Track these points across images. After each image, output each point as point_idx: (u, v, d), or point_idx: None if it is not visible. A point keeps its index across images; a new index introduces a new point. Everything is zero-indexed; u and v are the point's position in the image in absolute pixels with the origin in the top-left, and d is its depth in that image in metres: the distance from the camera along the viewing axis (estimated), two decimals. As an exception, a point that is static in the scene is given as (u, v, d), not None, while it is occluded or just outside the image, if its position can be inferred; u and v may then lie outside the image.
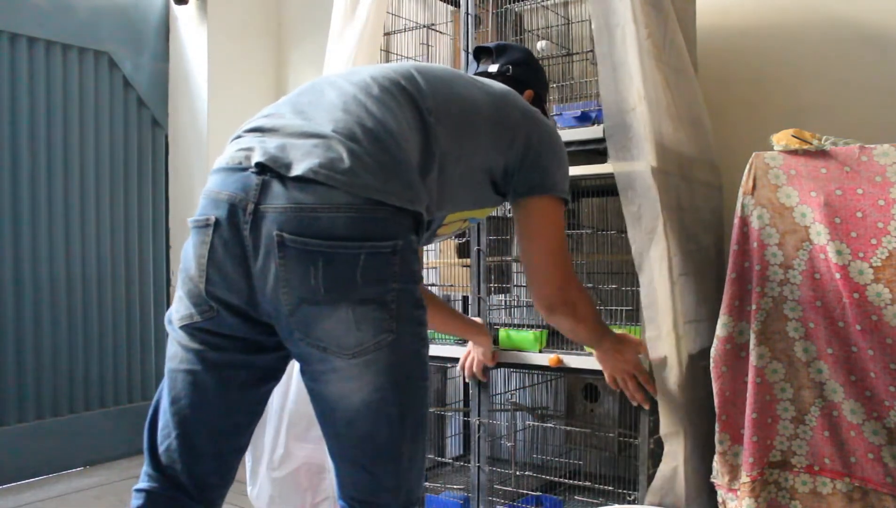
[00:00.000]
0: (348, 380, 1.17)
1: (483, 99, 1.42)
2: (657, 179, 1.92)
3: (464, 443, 2.92)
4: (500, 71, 1.69)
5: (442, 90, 1.35)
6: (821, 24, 2.44)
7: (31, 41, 3.21)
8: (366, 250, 1.12)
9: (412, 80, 1.33)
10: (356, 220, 1.12)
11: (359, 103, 1.23)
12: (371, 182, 1.14)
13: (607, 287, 2.21)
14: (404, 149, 1.21)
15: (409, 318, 1.19)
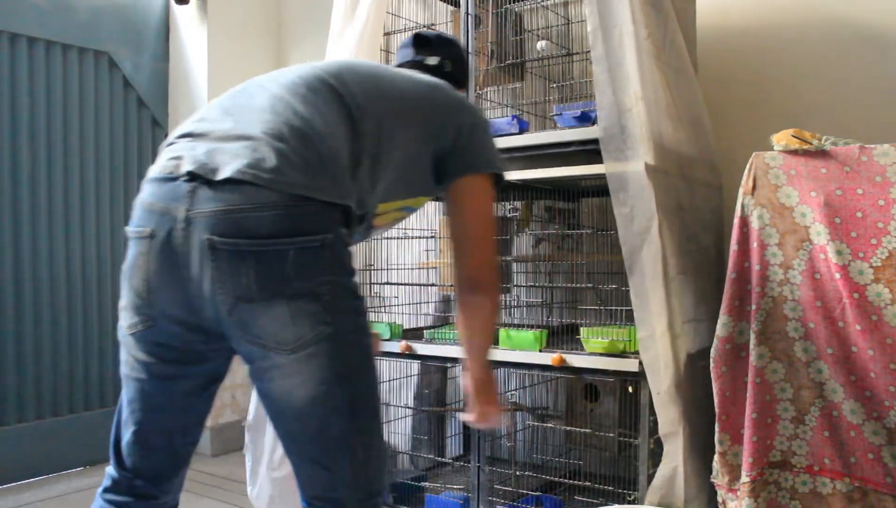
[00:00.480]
0: (291, 376, 1.19)
1: (412, 90, 1.44)
2: (653, 179, 1.92)
3: (464, 443, 2.92)
4: (437, 65, 1.70)
5: (370, 86, 1.38)
6: (821, 24, 2.44)
7: (31, 41, 3.21)
8: (295, 246, 1.14)
9: (339, 77, 1.35)
10: (283, 217, 1.14)
11: (286, 104, 1.25)
12: (297, 179, 1.16)
13: (607, 287, 2.21)
14: (331, 146, 1.23)
15: (345, 309, 1.21)
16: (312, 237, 1.16)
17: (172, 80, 3.74)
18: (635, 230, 1.93)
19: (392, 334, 2.51)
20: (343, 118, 1.29)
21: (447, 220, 1.56)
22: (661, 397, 1.91)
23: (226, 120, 1.26)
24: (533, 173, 2.19)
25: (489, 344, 1.67)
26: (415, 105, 1.43)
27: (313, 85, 1.31)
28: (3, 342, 3.10)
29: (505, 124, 2.22)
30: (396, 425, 2.78)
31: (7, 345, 3.11)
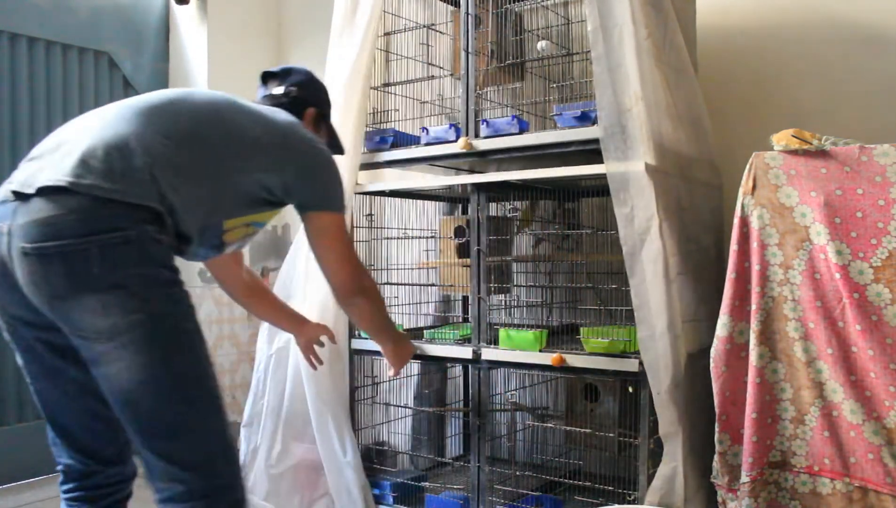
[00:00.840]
0: (114, 362, 1.30)
1: (254, 127, 1.58)
2: (654, 179, 1.92)
3: (464, 443, 2.92)
4: (284, 93, 1.86)
5: (204, 116, 1.53)
6: (821, 24, 2.44)
7: (31, 41, 3.21)
8: (96, 243, 1.27)
9: (173, 105, 1.50)
10: (84, 219, 1.27)
11: (110, 125, 1.40)
12: (98, 183, 1.29)
13: (607, 287, 2.21)
14: (143, 163, 1.36)
15: (157, 297, 1.33)
16: (113, 234, 1.28)
17: (172, 80, 3.74)
18: (635, 230, 1.93)
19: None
20: (177, 142, 1.43)
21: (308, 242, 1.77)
22: (661, 397, 1.91)
23: (57, 142, 1.40)
24: (533, 173, 2.19)
25: (381, 326, 2.01)
26: (255, 140, 1.57)
27: (144, 110, 1.45)
28: (4, 343, 3.10)
29: (505, 124, 2.23)
30: (396, 425, 2.78)
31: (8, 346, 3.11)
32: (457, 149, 2.28)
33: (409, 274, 2.72)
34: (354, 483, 2.41)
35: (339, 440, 2.42)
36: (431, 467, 2.78)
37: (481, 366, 2.29)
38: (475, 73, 2.33)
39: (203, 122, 1.51)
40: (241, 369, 3.70)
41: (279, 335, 2.57)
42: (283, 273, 2.61)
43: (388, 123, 2.59)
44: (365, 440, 2.64)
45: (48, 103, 3.27)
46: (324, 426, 2.42)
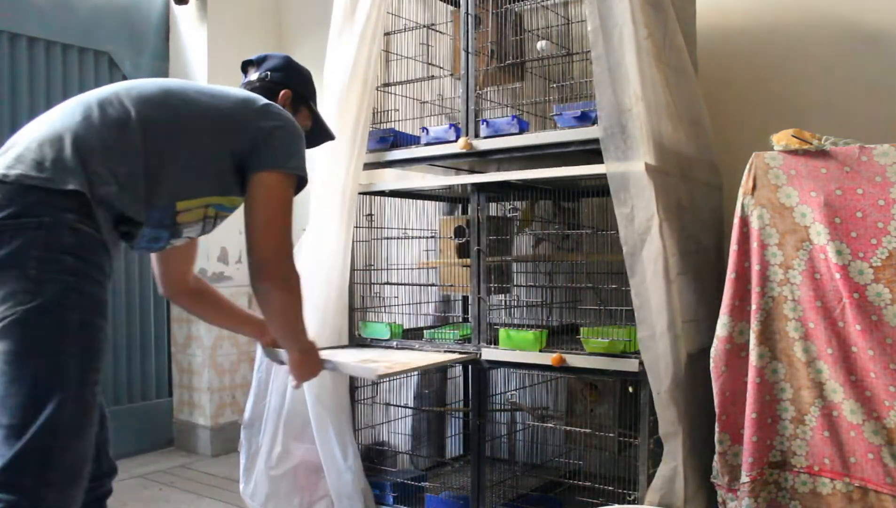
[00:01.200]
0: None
1: (206, 102, 1.60)
2: (654, 179, 1.92)
3: (464, 443, 2.92)
4: (259, 78, 1.89)
5: (154, 99, 1.55)
6: (821, 24, 2.44)
7: (31, 41, 3.21)
8: (10, 226, 1.33)
9: (125, 93, 1.53)
10: (5, 204, 1.34)
11: (55, 122, 1.45)
12: (26, 172, 1.36)
13: (607, 287, 2.21)
14: (72, 151, 1.40)
15: (51, 283, 1.34)
16: (29, 219, 1.33)
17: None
18: (636, 230, 1.93)
19: (392, 334, 2.51)
20: (117, 127, 1.46)
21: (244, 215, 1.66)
22: (661, 397, 1.91)
23: (20, 134, 1.47)
24: (533, 173, 2.19)
25: (292, 329, 1.78)
26: (202, 114, 1.58)
27: (86, 102, 1.49)
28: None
29: (505, 124, 2.22)
30: (396, 425, 2.78)
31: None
32: (457, 149, 2.28)
33: (409, 274, 2.72)
34: (355, 487, 2.41)
35: (340, 444, 2.41)
36: (431, 467, 2.78)
37: (481, 366, 2.29)
38: (475, 73, 2.33)
39: (154, 106, 1.53)
40: (241, 369, 3.70)
41: (279, 335, 2.56)
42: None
43: (388, 123, 2.59)
44: (365, 440, 2.64)
45: (48, 103, 3.26)
46: (324, 431, 2.42)
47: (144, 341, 3.64)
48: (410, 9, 2.65)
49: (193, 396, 3.68)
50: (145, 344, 3.64)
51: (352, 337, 2.55)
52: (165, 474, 3.32)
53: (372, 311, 2.66)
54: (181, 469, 3.42)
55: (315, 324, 2.41)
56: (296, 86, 1.92)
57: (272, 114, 1.66)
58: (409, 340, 2.52)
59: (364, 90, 2.44)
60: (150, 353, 3.66)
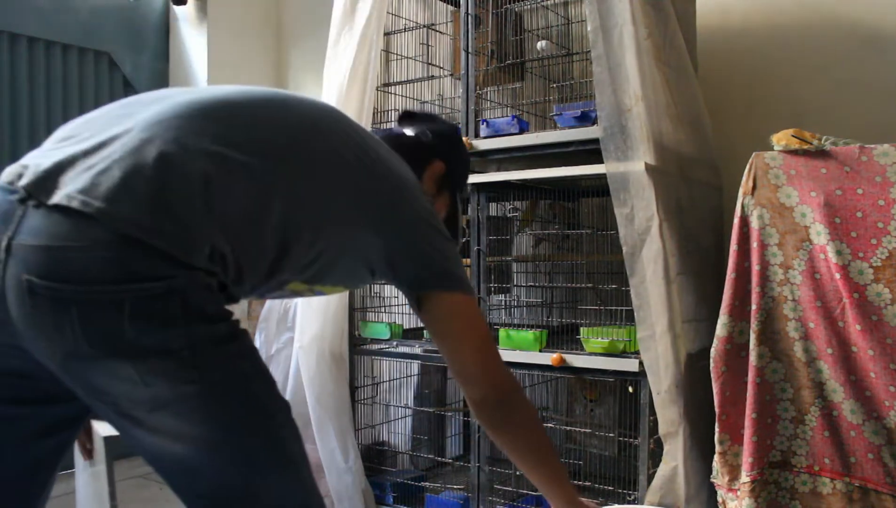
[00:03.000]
0: (156, 433, 1.00)
1: (373, 167, 1.19)
2: (654, 179, 1.92)
3: (464, 443, 2.92)
4: (416, 134, 1.47)
5: (306, 137, 1.14)
6: (821, 24, 2.44)
7: (31, 41, 3.21)
8: (131, 295, 0.93)
9: (272, 117, 1.13)
10: (113, 260, 0.93)
11: (178, 122, 1.03)
12: (133, 214, 0.94)
13: (607, 287, 2.21)
14: (208, 190, 0.99)
15: (215, 361, 1.01)
16: (154, 284, 0.94)
17: (172, 80, 3.74)
18: (635, 230, 1.93)
19: (392, 334, 2.51)
20: (256, 169, 1.05)
21: (432, 337, 1.31)
22: (661, 397, 1.91)
23: (104, 127, 1.03)
24: (533, 173, 2.19)
25: (552, 465, 1.44)
26: (366, 184, 1.17)
27: (232, 111, 1.10)
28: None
29: (505, 124, 2.23)
30: (396, 425, 2.78)
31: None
32: (457, 149, 2.28)
33: (409, 274, 2.71)
34: (355, 487, 2.41)
35: (341, 445, 2.41)
36: (431, 467, 2.78)
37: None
38: (475, 73, 2.33)
39: (304, 138, 1.14)
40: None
41: (279, 336, 2.57)
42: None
43: (388, 123, 2.59)
44: (365, 440, 2.64)
45: (48, 103, 3.27)
46: (325, 432, 2.42)
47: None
48: (410, 9, 2.66)
49: (193, 396, 3.67)
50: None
51: (352, 337, 2.55)
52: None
53: (372, 311, 2.66)
54: (181, 469, 3.42)
55: (316, 324, 2.41)
56: (452, 163, 1.49)
57: (433, 214, 1.28)
58: (409, 340, 2.52)
59: (364, 90, 2.44)
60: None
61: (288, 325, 2.56)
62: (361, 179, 1.17)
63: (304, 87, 3.85)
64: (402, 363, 2.73)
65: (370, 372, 2.67)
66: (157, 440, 1.01)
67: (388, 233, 1.19)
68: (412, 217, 1.22)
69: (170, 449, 1.01)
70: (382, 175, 1.20)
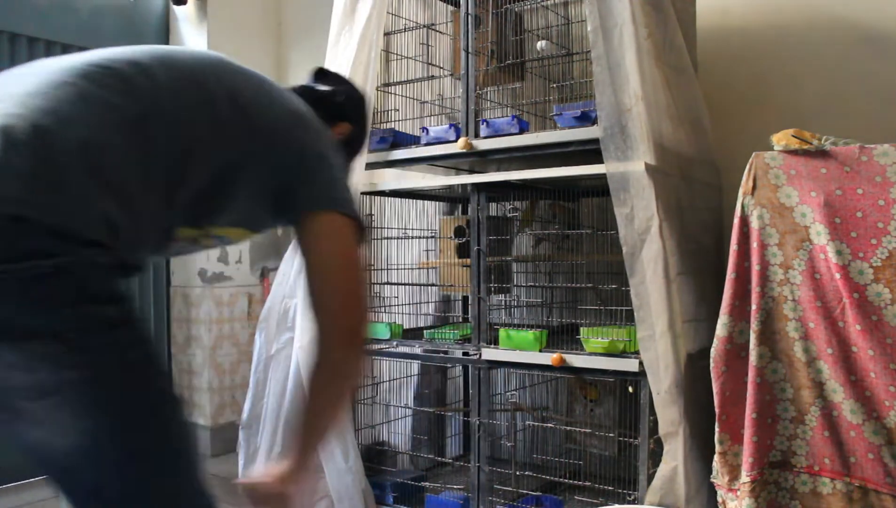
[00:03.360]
0: (39, 425, 0.95)
1: (254, 102, 1.21)
2: (654, 179, 1.92)
3: (464, 443, 2.92)
4: (329, 92, 1.49)
5: (187, 85, 1.13)
6: (821, 25, 2.44)
7: (31, 41, 3.21)
8: (15, 275, 0.89)
9: (147, 72, 1.10)
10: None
11: (50, 93, 1.01)
12: (13, 192, 0.90)
13: (607, 287, 2.21)
14: (94, 156, 0.98)
15: (102, 346, 0.96)
16: (39, 262, 0.90)
17: (172, 80, 3.74)
18: (635, 230, 1.93)
19: (392, 334, 2.51)
20: (131, 123, 1.04)
21: (303, 269, 1.25)
22: (661, 397, 1.91)
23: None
24: (533, 173, 2.19)
25: (326, 423, 1.29)
26: (249, 120, 1.18)
27: (105, 75, 1.06)
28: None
29: (505, 124, 2.23)
30: (396, 425, 2.78)
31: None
32: (457, 149, 2.28)
33: (409, 274, 2.72)
34: (355, 487, 2.41)
35: (341, 444, 2.41)
36: (431, 467, 2.78)
37: (481, 366, 2.29)
38: (475, 73, 2.33)
39: (188, 98, 1.13)
40: (241, 369, 3.70)
41: (279, 336, 2.57)
42: (282, 273, 2.60)
43: (388, 123, 2.59)
44: (365, 440, 2.64)
45: (48, 103, 3.26)
46: (324, 430, 2.42)
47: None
48: (410, 9, 2.66)
49: (193, 396, 3.67)
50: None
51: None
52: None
53: (372, 311, 2.66)
54: (181, 469, 3.41)
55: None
56: (358, 129, 1.55)
57: (325, 140, 1.29)
58: (409, 340, 2.52)
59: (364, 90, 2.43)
60: (150, 353, 3.65)
61: (288, 325, 2.56)
62: (247, 105, 1.18)
63: (304, 87, 3.85)
64: (402, 363, 2.73)
65: (370, 372, 2.67)
66: (42, 433, 0.96)
67: (277, 156, 1.19)
68: (302, 143, 1.23)
69: (55, 443, 0.96)
70: (271, 104, 1.23)
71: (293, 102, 1.29)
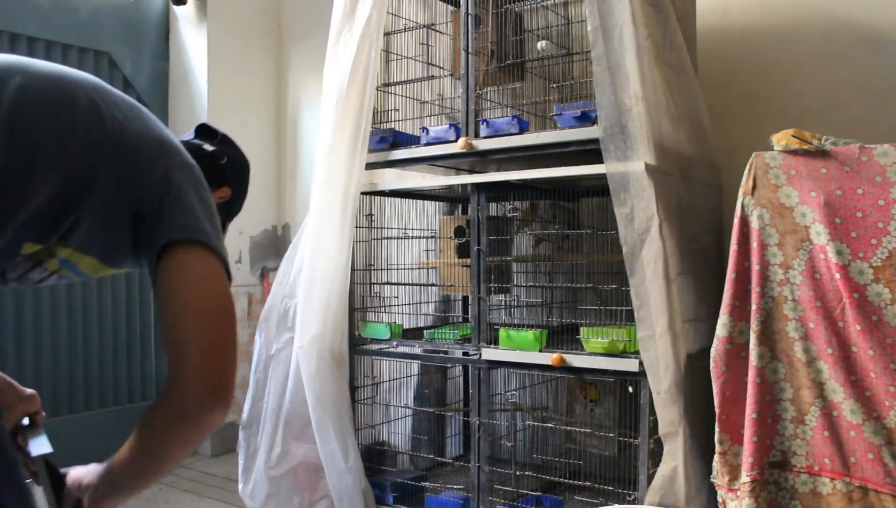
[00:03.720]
0: None
1: (124, 119, 1.13)
2: (654, 179, 1.92)
3: (464, 443, 2.92)
4: (214, 153, 1.40)
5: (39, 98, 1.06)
6: (821, 25, 2.44)
7: (31, 41, 3.21)
8: None
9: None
10: None
11: None
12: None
13: (607, 287, 2.21)
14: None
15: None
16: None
17: (172, 80, 3.74)
18: (635, 230, 1.93)
19: (392, 334, 2.51)
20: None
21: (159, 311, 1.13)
22: (661, 397, 1.91)
23: None
24: (533, 173, 2.19)
25: (155, 477, 1.16)
26: (109, 138, 1.08)
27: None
28: (4, 343, 3.10)
29: (505, 124, 2.22)
30: (396, 425, 2.78)
31: (7, 346, 3.11)
32: (457, 149, 2.28)
33: (409, 274, 2.72)
34: (355, 487, 2.41)
35: (341, 444, 2.41)
36: (431, 467, 2.78)
37: (481, 366, 2.29)
38: (475, 73, 2.33)
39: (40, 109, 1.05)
40: (241, 369, 3.70)
41: (279, 336, 2.57)
42: (282, 273, 2.61)
43: (388, 123, 2.59)
44: (365, 440, 2.64)
45: (48, 103, 3.26)
46: (325, 432, 2.42)
47: (144, 341, 3.64)
48: (410, 9, 2.66)
49: (193, 396, 3.67)
50: (145, 344, 3.64)
51: (352, 337, 2.55)
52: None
53: (372, 311, 2.66)
54: (181, 469, 3.42)
55: (316, 324, 2.41)
56: (237, 194, 1.46)
57: (191, 166, 1.19)
58: (409, 340, 2.52)
59: (364, 90, 2.44)
60: (149, 353, 3.65)
61: (288, 325, 2.56)
62: (112, 119, 1.10)
63: (304, 87, 3.85)
64: (402, 363, 2.73)
65: (370, 372, 2.67)
66: None
67: (137, 178, 1.09)
68: (167, 172, 1.12)
69: None
70: (143, 125, 1.15)
71: (169, 134, 1.20)
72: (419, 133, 2.44)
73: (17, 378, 3.05)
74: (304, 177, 3.82)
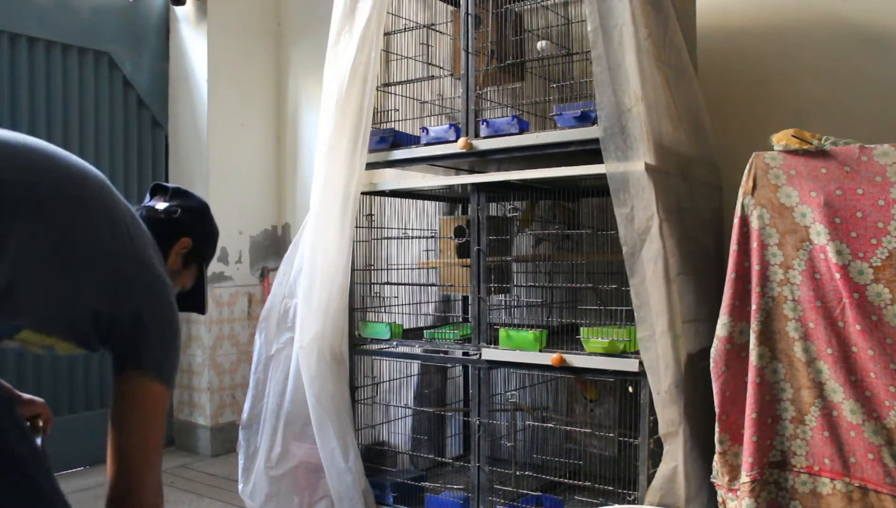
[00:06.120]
0: None
1: (112, 236, 1.28)
2: (654, 179, 1.92)
3: (464, 443, 2.92)
4: (166, 210, 1.54)
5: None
6: (821, 24, 2.44)
7: (31, 41, 3.21)
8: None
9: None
10: None
11: None
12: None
13: (607, 287, 2.21)
14: None
15: None
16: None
17: (172, 80, 3.74)
18: (635, 230, 1.93)
19: (392, 334, 2.51)
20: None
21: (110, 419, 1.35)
22: (661, 397, 1.91)
23: None
24: (533, 173, 2.19)
25: None
26: (104, 249, 1.25)
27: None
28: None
29: (505, 124, 2.23)
30: (396, 425, 2.78)
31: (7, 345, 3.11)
32: (457, 149, 2.28)
33: (409, 274, 2.72)
34: (355, 487, 2.41)
35: (341, 444, 2.41)
36: (431, 467, 2.78)
37: (481, 366, 2.29)
38: (475, 73, 2.33)
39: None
40: (241, 369, 3.70)
41: (279, 336, 2.57)
42: (282, 273, 2.61)
43: (388, 123, 2.59)
44: (365, 440, 2.64)
45: (48, 103, 3.27)
46: (325, 431, 2.42)
47: (144, 341, 3.64)
48: (410, 9, 2.66)
49: (193, 396, 3.68)
50: (145, 344, 3.64)
51: (352, 337, 2.55)
52: (166, 474, 3.32)
53: (372, 311, 2.66)
54: (181, 469, 3.42)
55: (316, 324, 2.41)
56: (198, 239, 1.58)
57: (170, 299, 1.35)
58: (409, 340, 2.52)
59: (364, 90, 2.44)
60: (150, 353, 3.66)
61: (288, 325, 2.56)
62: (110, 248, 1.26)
63: (304, 87, 3.85)
64: (402, 363, 2.73)
65: (370, 372, 2.67)
66: None
67: (117, 302, 1.27)
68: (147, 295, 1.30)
69: None
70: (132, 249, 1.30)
71: (151, 255, 1.35)
72: (419, 133, 2.44)
73: (18, 378, 3.06)
74: (304, 177, 3.82)
